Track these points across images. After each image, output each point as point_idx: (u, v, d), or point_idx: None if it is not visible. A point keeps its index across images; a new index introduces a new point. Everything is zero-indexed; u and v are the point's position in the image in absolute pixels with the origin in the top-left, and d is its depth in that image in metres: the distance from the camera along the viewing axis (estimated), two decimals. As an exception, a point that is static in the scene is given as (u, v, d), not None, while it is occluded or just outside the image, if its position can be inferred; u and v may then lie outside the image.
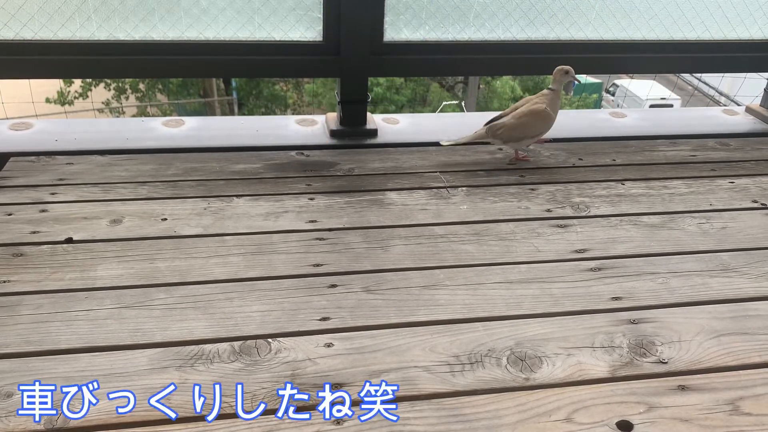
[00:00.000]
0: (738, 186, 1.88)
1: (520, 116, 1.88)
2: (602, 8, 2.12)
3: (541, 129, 1.91)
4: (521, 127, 1.88)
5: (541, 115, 1.88)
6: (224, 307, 1.29)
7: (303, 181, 1.81)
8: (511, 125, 1.88)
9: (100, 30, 1.89)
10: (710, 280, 1.44)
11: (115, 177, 1.78)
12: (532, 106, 1.89)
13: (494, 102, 11.45)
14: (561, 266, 1.46)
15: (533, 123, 1.88)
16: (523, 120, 1.88)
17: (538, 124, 1.89)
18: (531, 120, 1.88)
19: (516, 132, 1.88)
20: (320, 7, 1.96)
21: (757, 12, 2.21)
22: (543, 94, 1.92)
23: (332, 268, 1.42)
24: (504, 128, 1.88)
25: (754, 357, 1.21)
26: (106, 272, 1.38)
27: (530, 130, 1.89)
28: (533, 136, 1.91)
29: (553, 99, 1.91)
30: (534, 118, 1.88)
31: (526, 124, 1.88)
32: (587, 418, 1.06)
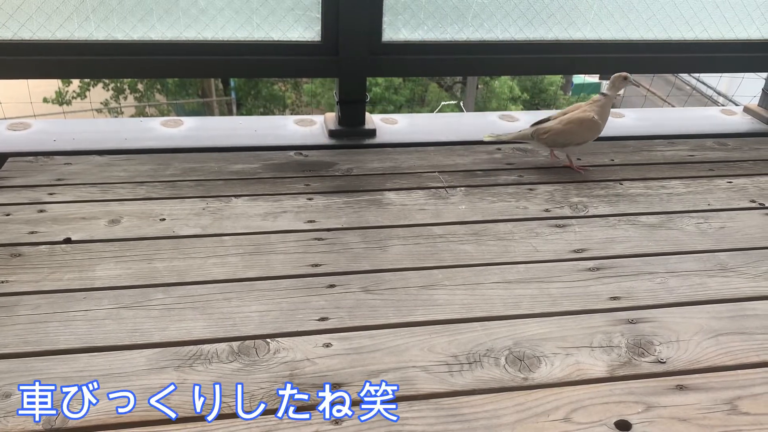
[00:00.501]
0: (736, 186, 1.88)
1: (567, 122, 1.87)
2: (600, 8, 2.12)
3: (586, 137, 1.89)
4: (566, 134, 1.87)
5: (587, 123, 1.86)
6: (222, 307, 1.29)
7: (301, 181, 1.81)
8: (557, 130, 1.87)
9: (98, 30, 1.89)
10: (708, 279, 1.44)
11: (113, 177, 1.78)
12: (581, 113, 1.87)
13: (493, 102, 11.44)
14: (559, 266, 1.46)
15: (579, 131, 1.87)
16: (569, 127, 1.86)
17: (584, 132, 1.88)
18: (577, 128, 1.87)
19: (560, 138, 1.87)
20: (318, 7, 1.96)
21: (755, 12, 2.22)
22: (595, 101, 1.90)
23: (331, 268, 1.42)
24: (549, 133, 1.87)
25: (752, 357, 1.21)
26: (104, 272, 1.38)
27: (575, 137, 1.88)
28: (578, 143, 1.90)
29: (605, 105, 1.89)
30: (580, 126, 1.87)
31: (572, 131, 1.87)
32: (585, 417, 1.06)
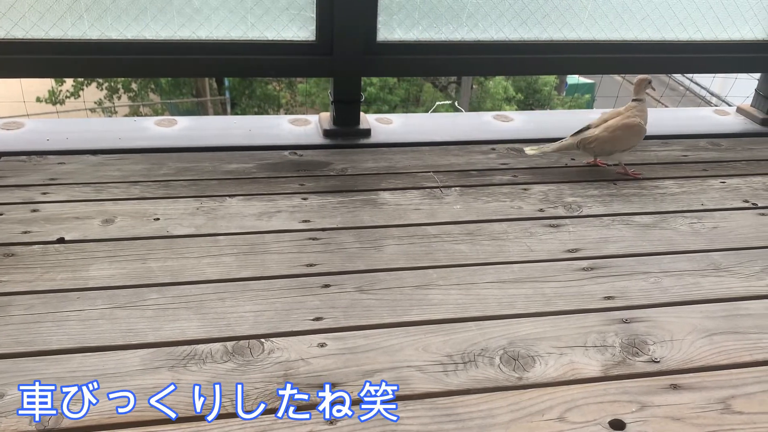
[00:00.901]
0: (729, 186, 1.89)
1: (613, 129, 1.86)
2: (594, 9, 2.13)
3: (633, 142, 1.90)
4: (614, 141, 1.87)
5: (635, 128, 1.87)
6: (217, 307, 1.28)
7: (296, 180, 1.81)
8: (604, 138, 1.86)
9: (92, 29, 1.88)
10: (702, 279, 1.44)
11: (107, 177, 1.78)
12: (626, 119, 1.87)
13: (487, 102, 11.45)
14: (553, 266, 1.47)
15: (627, 136, 1.87)
16: (616, 133, 1.86)
17: (632, 137, 1.88)
18: (625, 133, 1.87)
19: (608, 145, 1.87)
20: (313, 6, 1.96)
21: (748, 13, 2.22)
22: (632, 107, 1.90)
23: (325, 268, 1.42)
24: (597, 141, 1.86)
25: (745, 356, 1.22)
26: (98, 272, 1.37)
27: (623, 144, 1.89)
28: (624, 149, 1.90)
29: (643, 110, 1.90)
30: (628, 131, 1.87)
31: (620, 137, 1.87)
32: (580, 417, 1.06)
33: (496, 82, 11.52)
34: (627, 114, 1.89)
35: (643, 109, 1.90)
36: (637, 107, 1.90)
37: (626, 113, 1.90)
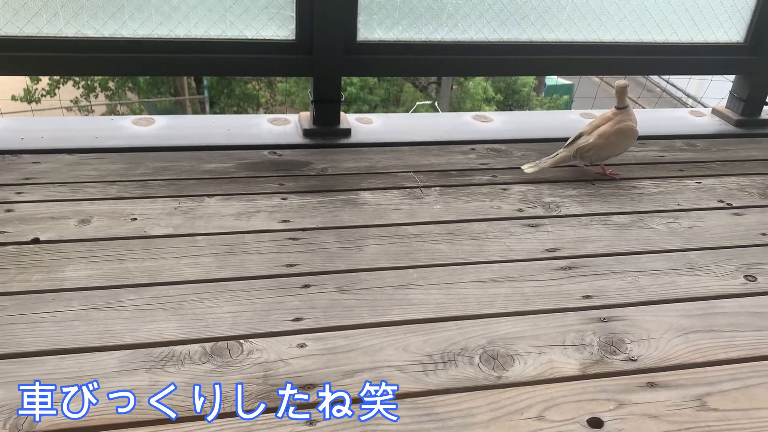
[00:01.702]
0: (705, 186, 1.92)
1: (608, 136, 1.87)
2: (573, 10, 2.14)
3: (627, 146, 1.92)
4: (610, 146, 1.88)
5: (629, 133, 1.89)
6: (195, 308, 1.27)
7: (276, 180, 1.80)
8: (600, 145, 1.87)
9: (67, 26, 1.86)
10: (678, 278, 1.46)
11: (83, 176, 1.75)
12: (619, 124, 1.88)
13: (467, 102, 11.50)
14: (532, 265, 1.47)
15: (622, 141, 1.89)
16: (612, 139, 1.87)
17: (626, 142, 1.90)
18: (620, 139, 1.89)
19: (605, 152, 1.89)
20: (293, 5, 1.95)
21: (723, 16, 2.26)
22: (619, 112, 1.90)
23: (305, 268, 1.42)
24: (593, 149, 1.87)
25: (720, 354, 1.24)
26: (74, 273, 1.35)
27: (618, 149, 1.91)
28: (618, 153, 1.93)
29: (632, 114, 1.92)
30: (623, 136, 1.88)
31: (616, 143, 1.89)
32: (558, 415, 1.07)
33: (475, 83, 11.58)
34: (618, 119, 1.89)
35: (632, 114, 1.92)
36: (625, 112, 1.90)
37: (616, 118, 1.90)
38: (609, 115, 1.92)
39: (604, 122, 1.91)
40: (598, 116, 1.96)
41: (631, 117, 1.91)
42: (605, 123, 1.90)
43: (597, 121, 1.93)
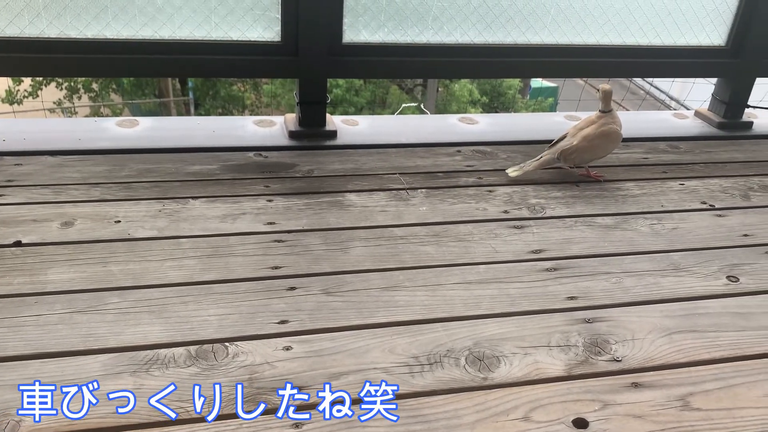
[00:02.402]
0: (688, 188, 1.94)
1: (592, 138, 1.89)
2: (557, 13, 2.16)
3: (610, 149, 1.94)
4: (594, 149, 1.91)
5: (612, 136, 1.90)
6: (180, 310, 1.26)
7: (261, 182, 1.79)
8: (584, 148, 1.89)
9: (50, 27, 1.84)
10: (662, 279, 1.47)
11: (66, 178, 1.74)
12: (603, 127, 1.90)
13: (453, 105, 11.53)
14: (518, 267, 1.48)
15: (605, 144, 1.91)
16: (595, 142, 1.89)
17: (609, 144, 1.92)
18: (604, 142, 1.90)
19: (588, 154, 1.91)
20: (278, 7, 1.94)
21: (705, 19, 2.28)
22: (603, 115, 1.92)
23: (291, 270, 1.41)
24: (577, 152, 1.89)
25: (703, 354, 1.25)
26: (57, 276, 1.34)
27: (602, 151, 1.93)
28: (602, 156, 1.95)
29: (616, 117, 1.93)
30: (606, 139, 1.90)
31: (600, 146, 1.91)
32: (544, 416, 1.07)
33: (461, 85, 11.62)
34: (602, 122, 1.91)
35: (616, 117, 1.93)
36: (609, 115, 1.92)
37: (600, 121, 1.91)
38: (593, 118, 1.93)
39: (589, 125, 1.92)
40: (583, 119, 1.98)
41: (615, 120, 1.92)
42: (589, 126, 1.91)
43: (581, 123, 1.94)
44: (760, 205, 1.85)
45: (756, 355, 1.25)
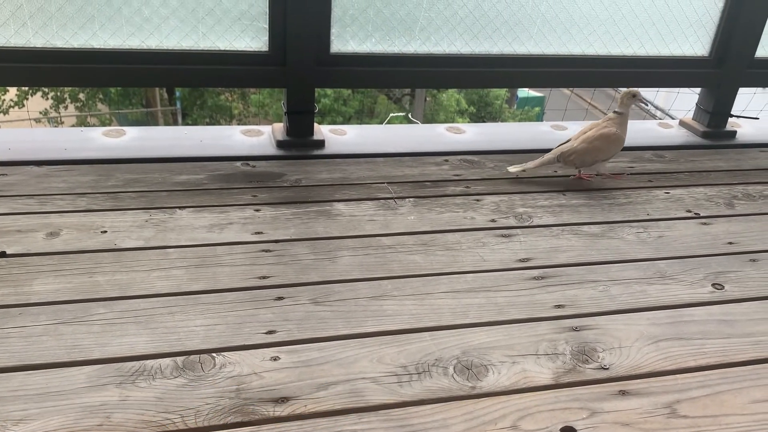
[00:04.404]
0: (673, 196, 1.95)
1: (591, 140, 1.90)
2: (543, 24, 2.18)
3: (612, 152, 1.94)
4: (593, 152, 1.91)
5: (611, 138, 1.91)
6: (166, 321, 1.25)
7: (249, 192, 1.79)
8: (583, 150, 1.90)
9: (36, 37, 1.83)
10: (648, 287, 1.48)
11: (52, 188, 1.72)
12: (602, 129, 1.91)
13: (440, 114, 11.58)
14: (506, 275, 1.49)
15: (604, 146, 1.91)
16: (594, 144, 1.90)
17: (610, 147, 1.92)
18: (602, 144, 1.91)
19: (588, 156, 1.91)
20: (266, 17, 1.95)
21: (688, 30, 2.31)
22: (610, 118, 1.93)
23: (279, 280, 1.41)
24: (576, 153, 1.90)
25: (689, 361, 1.25)
26: (42, 287, 1.33)
27: (602, 154, 1.93)
28: (604, 159, 1.95)
29: (622, 122, 1.93)
30: (605, 141, 1.90)
31: (598, 147, 1.91)
32: (532, 425, 1.08)
33: (449, 95, 11.67)
34: (604, 125, 1.93)
35: (622, 121, 1.94)
36: (616, 119, 1.94)
37: (604, 124, 1.94)
38: (600, 121, 1.95)
39: (593, 128, 1.95)
40: (590, 123, 1.99)
41: (621, 125, 1.93)
42: (593, 129, 1.94)
43: (587, 126, 1.97)
44: (744, 213, 1.87)
45: (741, 362, 1.26)
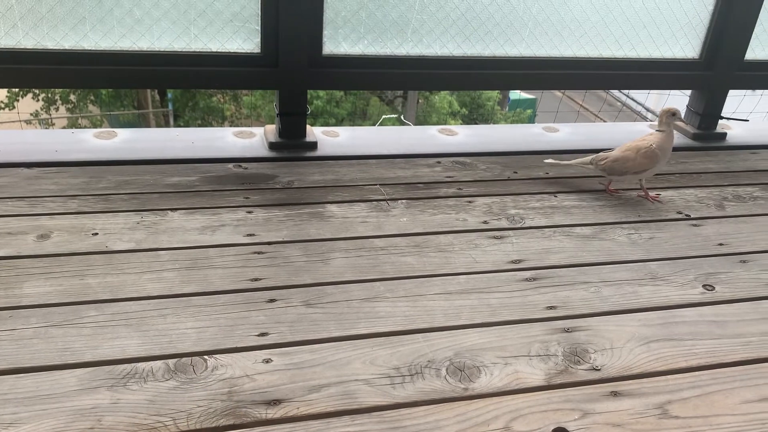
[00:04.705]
0: (664, 198, 1.96)
1: (624, 149, 1.88)
2: (535, 26, 2.19)
3: (644, 165, 1.88)
4: (623, 161, 1.87)
5: (644, 151, 1.86)
6: (158, 323, 1.25)
7: (241, 193, 1.78)
8: (614, 157, 1.88)
9: (26, 38, 1.82)
10: (639, 288, 1.49)
11: (42, 190, 1.72)
12: (639, 142, 1.89)
13: (433, 116, 11.61)
14: (498, 277, 1.49)
15: (636, 158, 1.87)
16: (626, 154, 1.87)
17: (642, 160, 1.87)
18: (634, 155, 1.87)
19: (617, 164, 1.88)
20: (258, 19, 1.94)
21: (679, 33, 2.33)
22: (654, 134, 1.91)
23: (271, 282, 1.41)
24: (607, 159, 1.89)
25: (680, 362, 1.26)
26: (32, 290, 1.32)
27: (632, 165, 1.87)
28: (636, 171, 1.89)
29: (664, 139, 1.88)
30: (637, 153, 1.87)
31: (629, 158, 1.87)
32: (524, 426, 1.08)
33: (441, 97, 11.70)
34: (646, 137, 1.90)
35: (665, 139, 1.88)
36: (659, 136, 1.89)
37: (647, 137, 1.91)
38: (646, 136, 1.92)
39: (636, 140, 1.92)
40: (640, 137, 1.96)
41: (662, 141, 1.88)
42: (635, 141, 1.91)
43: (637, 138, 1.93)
44: (734, 215, 1.88)
45: (732, 363, 1.27)
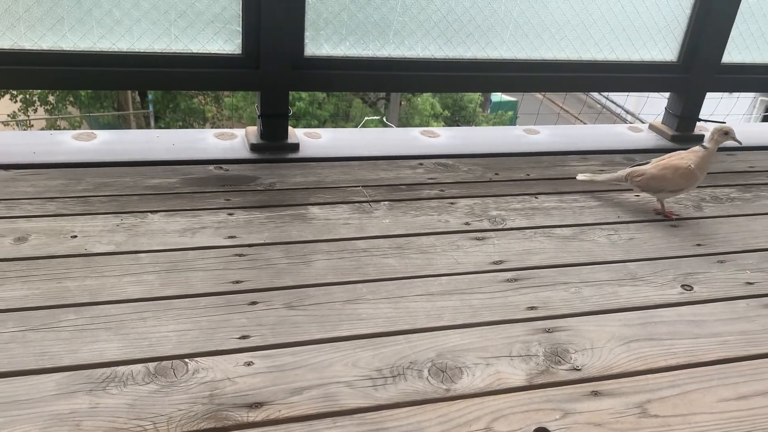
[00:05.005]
0: (643, 199, 1.98)
1: (662, 168, 1.83)
2: (516, 29, 2.20)
3: (680, 185, 1.83)
4: (659, 179, 1.83)
5: (681, 171, 1.81)
6: (138, 327, 1.24)
7: (222, 195, 1.77)
8: (651, 175, 1.84)
9: (2, 39, 1.80)
10: (619, 288, 1.50)
11: (20, 193, 1.69)
12: (677, 160, 1.83)
13: (415, 118, 11.63)
14: (479, 278, 1.49)
15: (673, 178, 1.82)
16: (663, 172, 1.83)
17: (678, 179, 1.82)
18: (671, 174, 1.82)
19: (654, 182, 1.84)
20: (239, 20, 1.94)
21: (658, 36, 2.36)
22: (694, 151, 1.85)
23: (252, 284, 1.40)
24: (643, 177, 1.85)
25: (660, 361, 1.27)
26: (9, 293, 1.30)
27: (669, 184, 1.83)
28: (672, 190, 1.85)
29: (704, 157, 1.82)
30: (674, 172, 1.82)
31: (665, 177, 1.82)
32: (506, 426, 1.08)
33: (423, 99, 11.73)
34: (684, 156, 1.85)
35: (704, 157, 1.83)
36: (699, 153, 1.84)
37: (684, 155, 1.85)
38: (682, 153, 1.87)
39: (672, 156, 1.87)
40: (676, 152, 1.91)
41: (700, 160, 1.82)
42: (672, 157, 1.87)
43: (672, 154, 1.89)
44: (712, 216, 1.91)
45: (709, 362, 1.29)
